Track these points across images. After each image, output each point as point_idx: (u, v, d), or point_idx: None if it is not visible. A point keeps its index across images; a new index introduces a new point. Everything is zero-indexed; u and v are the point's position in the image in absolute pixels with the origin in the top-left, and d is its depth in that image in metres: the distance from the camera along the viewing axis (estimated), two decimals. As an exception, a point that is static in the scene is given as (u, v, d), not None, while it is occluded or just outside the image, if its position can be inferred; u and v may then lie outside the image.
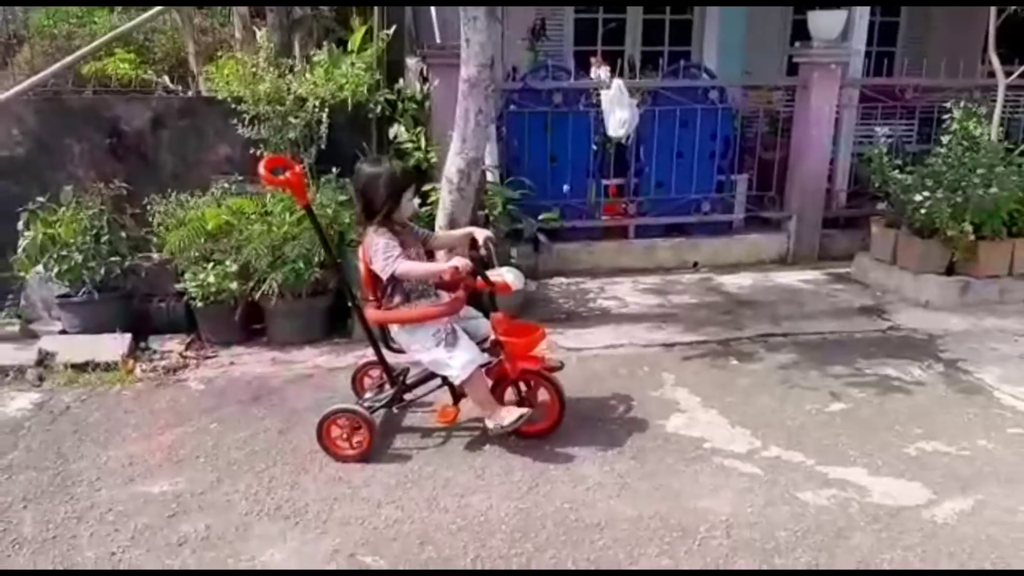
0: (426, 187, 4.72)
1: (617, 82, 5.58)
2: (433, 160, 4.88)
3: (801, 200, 6.17)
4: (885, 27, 8.27)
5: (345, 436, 3.13)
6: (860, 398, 3.75)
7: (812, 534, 2.69)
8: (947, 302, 5.10)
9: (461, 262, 2.98)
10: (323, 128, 4.66)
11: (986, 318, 4.89)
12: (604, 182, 6.06)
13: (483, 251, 3.16)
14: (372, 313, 3.17)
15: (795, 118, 6.15)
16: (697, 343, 4.50)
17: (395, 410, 3.41)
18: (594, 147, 5.92)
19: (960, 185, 5.03)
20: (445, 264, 3.06)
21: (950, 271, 5.22)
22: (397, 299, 3.11)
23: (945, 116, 5.63)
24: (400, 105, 5.04)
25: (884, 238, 5.56)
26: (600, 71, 5.87)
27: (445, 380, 3.21)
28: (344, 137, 5.00)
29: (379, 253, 2.98)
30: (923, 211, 5.07)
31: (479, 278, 3.10)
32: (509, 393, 3.30)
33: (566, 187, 5.91)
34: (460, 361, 3.04)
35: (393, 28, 5.21)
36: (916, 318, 4.92)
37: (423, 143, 4.82)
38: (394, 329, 3.17)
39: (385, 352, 3.31)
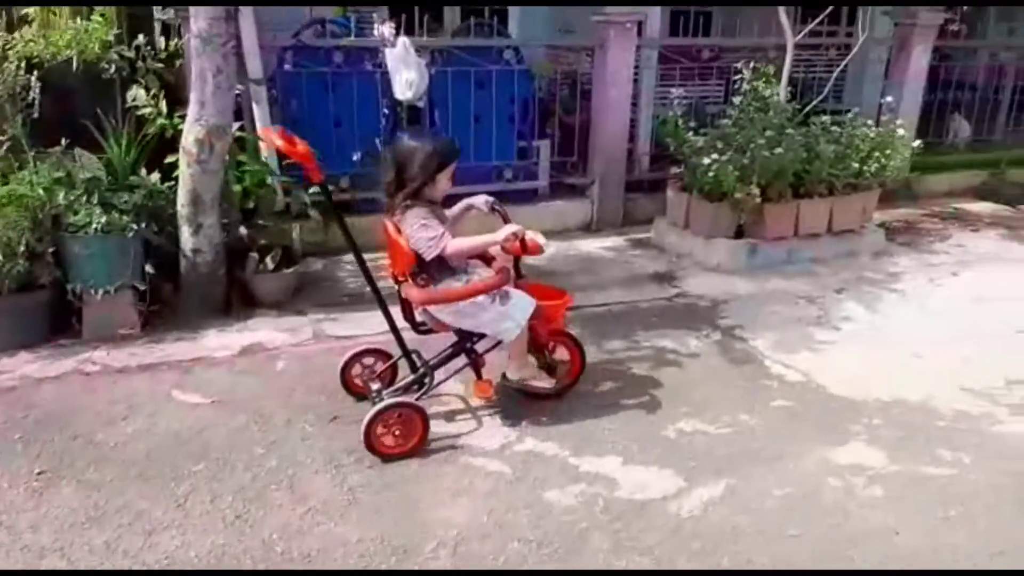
0: (169, 159, 4.13)
1: (402, 40, 5.13)
2: (180, 127, 4.28)
3: (603, 165, 6.00)
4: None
5: (396, 433, 2.86)
6: (629, 375, 3.58)
7: (550, 541, 2.46)
8: (736, 265, 5.08)
9: (518, 227, 2.83)
10: (32, 94, 3.94)
11: (772, 280, 4.90)
12: (398, 148, 5.63)
13: (497, 214, 3.07)
14: (419, 293, 2.91)
15: (594, 80, 5.94)
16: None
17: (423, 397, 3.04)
18: (385, 111, 5.48)
19: (748, 147, 4.99)
20: (500, 233, 2.83)
21: (739, 234, 5.21)
22: (444, 275, 2.90)
23: (736, 77, 5.58)
24: (142, 64, 4.37)
25: (678, 202, 5.48)
26: (383, 28, 5.39)
27: (468, 354, 3.05)
28: (78, 103, 4.31)
29: (420, 231, 2.79)
30: (711, 174, 4.99)
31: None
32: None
33: (356, 155, 5.44)
34: (521, 310, 2.93)
35: (137, -26, 4.52)
36: (705, 283, 4.86)
37: (164, 107, 4.20)
38: (439, 307, 2.93)
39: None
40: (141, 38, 4.39)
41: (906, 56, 6.59)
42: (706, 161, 5.01)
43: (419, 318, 3.10)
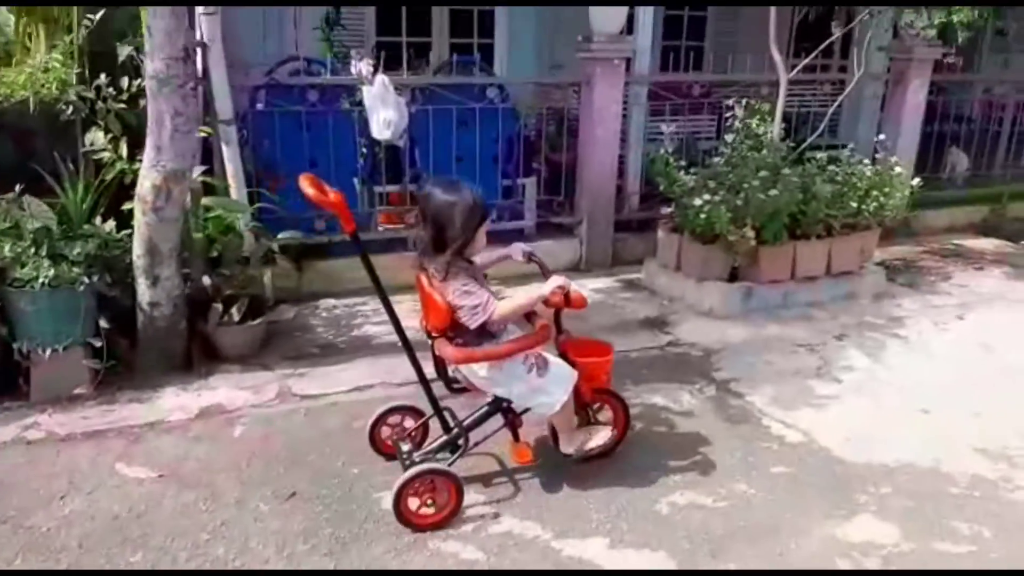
0: (126, 206, 3.89)
1: (381, 78, 4.94)
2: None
3: (591, 204, 5.79)
4: (694, 22, 8.15)
5: (428, 502, 2.67)
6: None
7: (524, 645, 2.17)
8: (730, 310, 4.84)
9: (564, 280, 2.66)
10: (-29, 138, 3.71)
11: (768, 326, 4.66)
12: (379, 189, 5.41)
13: (536, 264, 2.99)
14: (457, 352, 2.70)
15: (581, 117, 5.75)
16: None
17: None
18: (363, 150, 5.27)
19: (742, 187, 4.78)
20: (546, 287, 2.64)
21: (733, 277, 4.98)
22: (483, 334, 2.68)
23: (728, 114, 5.40)
24: (103, 105, 4.15)
25: (669, 243, 5.26)
26: (361, 65, 5.20)
27: (505, 414, 2.85)
28: (34, 146, 4.08)
29: (463, 299, 2.59)
30: (703, 215, 4.77)
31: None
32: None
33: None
34: (558, 384, 2.74)
35: (101, 12, 4.31)
36: (698, 330, 4.62)
37: (124, 151, 3.97)
38: (477, 367, 2.73)
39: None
40: (103, 77, 4.18)
41: (902, 91, 6.43)
42: (697, 202, 4.79)
43: (451, 374, 2.92)
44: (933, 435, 3.40)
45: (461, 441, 2.81)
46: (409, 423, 3.08)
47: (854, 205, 4.96)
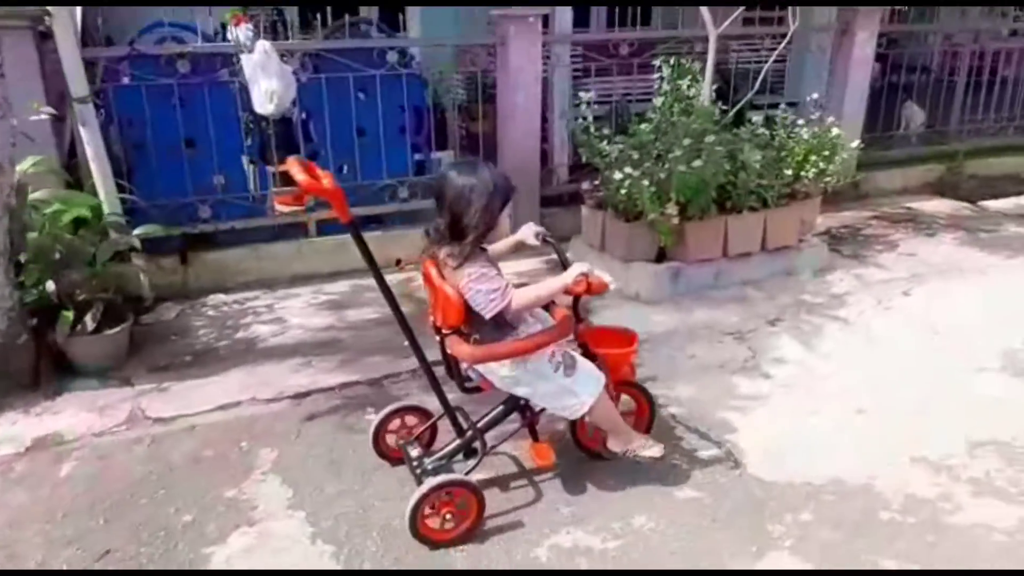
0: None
1: (261, 44, 4.37)
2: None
3: (514, 177, 5.25)
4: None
5: (447, 516, 2.44)
6: (503, 465, 2.88)
7: None
8: (658, 293, 4.41)
9: (586, 266, 2.43)
10: None
11: (696, 311, 4.23)
12: (271, 170, 4.87)
13: (551, 247, 2.74)
14: (476, 351, 2.43)
15: (498, 82, 5.22)
16: (344, 386, 3.49)
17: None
18: (249, 126, 4.72)
19: (667, 158, 4.30)
20: (568, 275, 2.42)
21: (661, 257, 4.53)
22: (493, 329, 2.43)
23: (655, 76, 4.90)
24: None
25: (593, 221, 4.80)
26: (239, 31, 4.61)
27: (523, 412, 2.65)
28: None
29: (477, 283, 2.33)
30: (624, 191, 4.30)
31: None
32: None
33: (218, 178, 4.67)
34: (587, 385, 2.52)
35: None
36: (621, 318, 4.15)
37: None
38: (497, 366, 2.47)
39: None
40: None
41: (849, 43, 5.96)
42: (618, 176, 4.32)
43: (465, 373, 2.64)
44: (867, 442, 3.00)
45: (476, 444, 2.59)
46: (414, 423, 2.85)
47: (788, 173, 4.51)
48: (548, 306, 2.61)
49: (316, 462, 2.92)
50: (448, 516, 2.43)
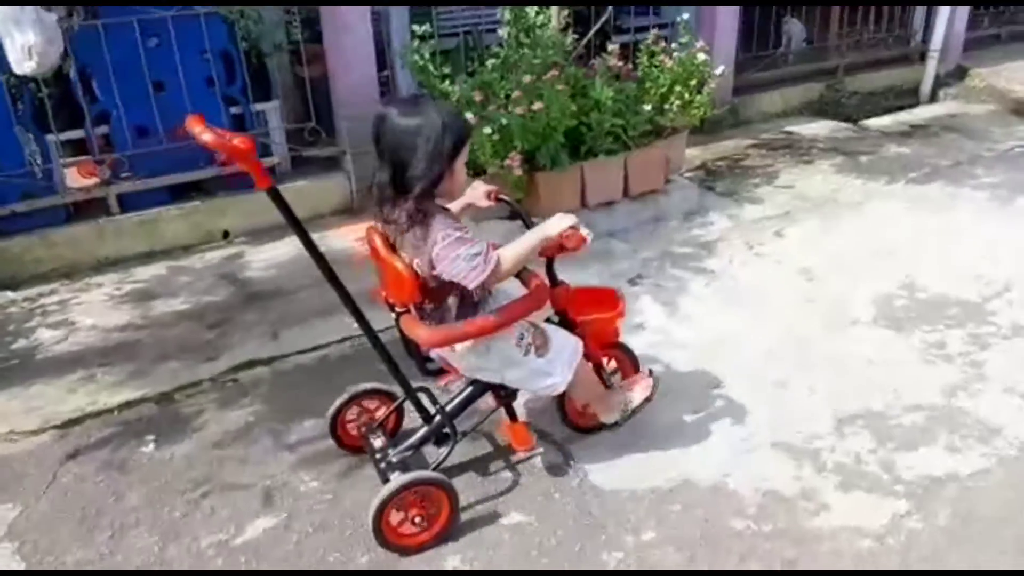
0: None
1: (10, -12, 3.56)
2: None
3: (352, 130, 4.63)
4: None
5: (411, 518, 2.14)
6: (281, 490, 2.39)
7: None
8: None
9: (572, 218, 2.07)
10: None
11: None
12: (51, 138, 4.08)
13: (507, 204, 2.41)
14: (433, 334, 2.11)
15: (322, 19, 4.52)
16: (125, 406, 2.90)
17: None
18: (13, 90, 3.92)
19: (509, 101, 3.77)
20: (551, 225, 2.06)
21: (515, 213, 4.01)
22: (456, 304, 2.11)
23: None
24: None
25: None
26: (-20, -28, 3.76)
27: (498, 392, 2.29)
28: None
29: (454, 247, 1.94)
30: (464, 141, 3.74)
31: None
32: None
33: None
34: (562, 360, 2.21)
35: None
36: (469, 289, 3.68)
37: None
38: (457, 349, 2.15)
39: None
40: None
41: (718, -45, 5.44)
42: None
43: (425, 354, 2.33)
44: (723, 428, 2.63)
45: (452, 435, 2.25)
46: (375, 407, 2.52)
47: (648, 108, 4.02)
48: (519, 273, 2.19)
49: (65, 520, 2.36)
50: (418, 519, 2.14)
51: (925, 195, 4.49)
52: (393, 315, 2.24)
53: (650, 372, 2.53)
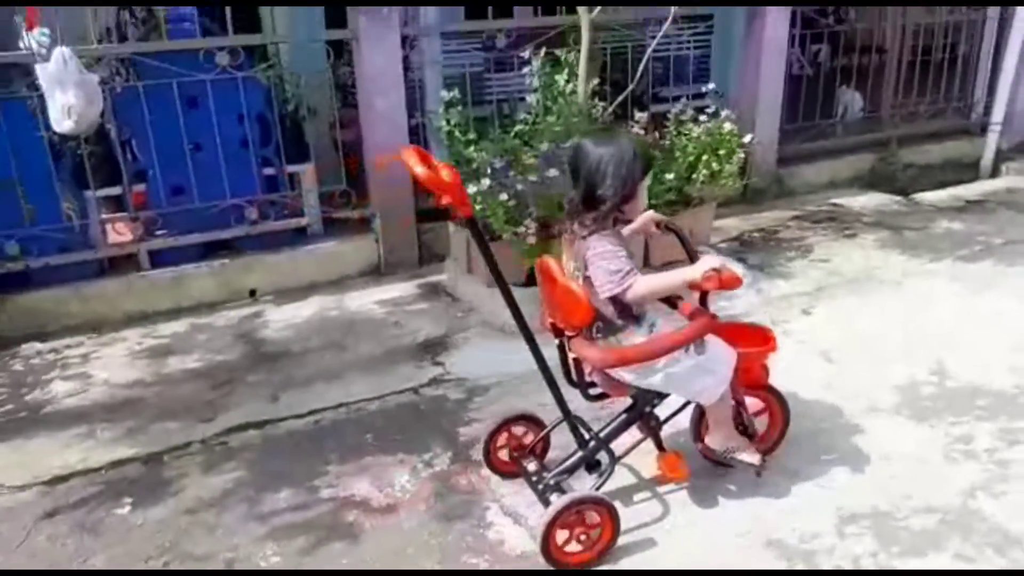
0: None
1: (59, 52, 3.78)
2: None
3: (383, 191, 4.70)
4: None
5: (581, 538, 2.26)
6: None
7: None
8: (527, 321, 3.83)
9: (719, 260, 2.21)
10: None
11: (567, 343, 3.65)
12: (90, 194, 4.25)
13: (675, 234, 2.52)
14: (603, 355, 2.27)
15: (357, 84, 4.64)
16: (114, 465, 2.90)
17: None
18: (55, 147, 4.11)
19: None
20: (697, 268, 2.19)
21: (533, 280, 3.95)
22: (624, 322, 2.29)
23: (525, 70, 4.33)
24: None
25: (459, 240, 4.24)
26: (31, 36, 3.99)
27: (647, 420, 2.46)
28: None
29: (602, 260, 2.19)
30: (478, 205, 3.74)
31: None
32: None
33: (27, 208, 4.07)
34: (721, 361, 2.33)
35: None
36: (479, 356, 3.64)
37: None
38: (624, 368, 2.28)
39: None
40: None
41: (760, 25, 5.40)
42: (472, 189, 3.75)
43: (588, 379, 2.45)
44: (720, 520, 2.44)
45: (600, 457, 2.41)
46: (526, 434, 2.65)
47: (670, 177, 3.94)
48: (674, 300, 2.43)
49: (28, 580, 2.35)
50: (583, 537, 2.25)
51: (972, 274, 4.23)
52: (557, 340, 2.38)
53: (762, 461, 2.51)
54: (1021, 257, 4.44)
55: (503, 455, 2.63)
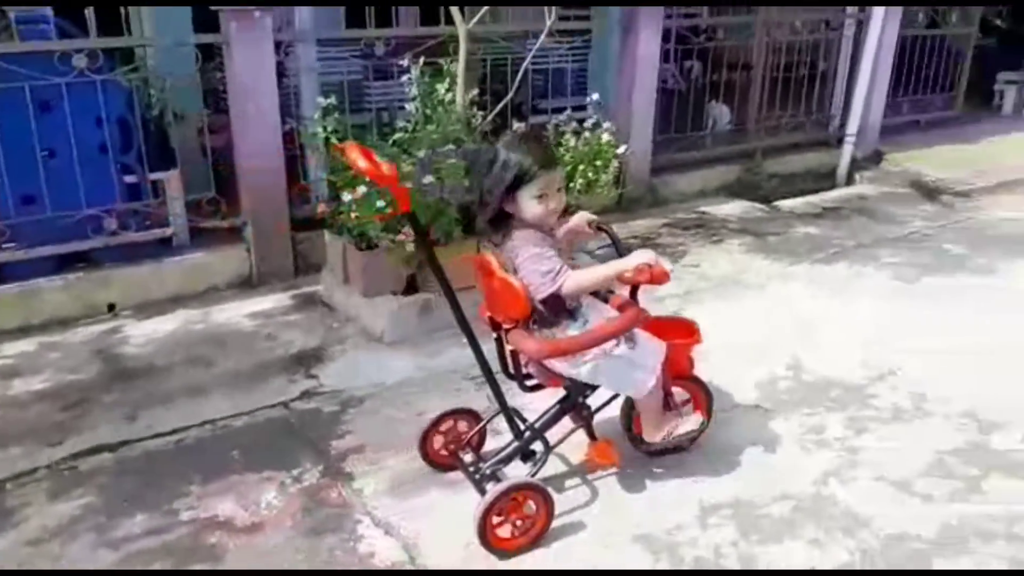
0: None
1: None
2: None
3: (255, 199, 4.55)
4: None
5: (517, 523, 2.32)
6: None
7: None
8: (404, 332, 3.81)
9: (650, 255, 2.25)
10: None
11: (446, 350, 3.66)
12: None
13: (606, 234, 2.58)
14: (539, 346, 2.32)
15: (228, 88, 4.48)
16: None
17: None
18: None
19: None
20: (629, 260, 2.26)
21: (412, 288, 3.93)
22: (559, 317, 2.34)
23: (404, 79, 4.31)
24: None
25: (335, 249, 4.15)
26: None
27: (580, 410, 2.55)
28: None
29: (531, 263, 2.24)
30: (354, 213, 3.68)
31: None
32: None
33: None
34: (650, 355, 2.41)
35: None
36: (354, 366, 3.56)
37: None
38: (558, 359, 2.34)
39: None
40: None
41: (634, 42, 5.59)
42: (347, 197, 3.69)
43: (525, 370, 2.53)
44: (591, 518, 2.48)
45: (535, 447, 2.51)
46: (462, 427, 2.72)
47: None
48: (606, 295, 2.51)
49: None
50: (518, 523, 2.32)
51: (827, 276, 4.51)
52: (495, 334, 2.45)
53: (703, 420, 2.70)
54: (872, 259, 4.76)
55: (440, 448, 2.69)
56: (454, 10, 4.18)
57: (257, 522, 2.48)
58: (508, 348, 2.45)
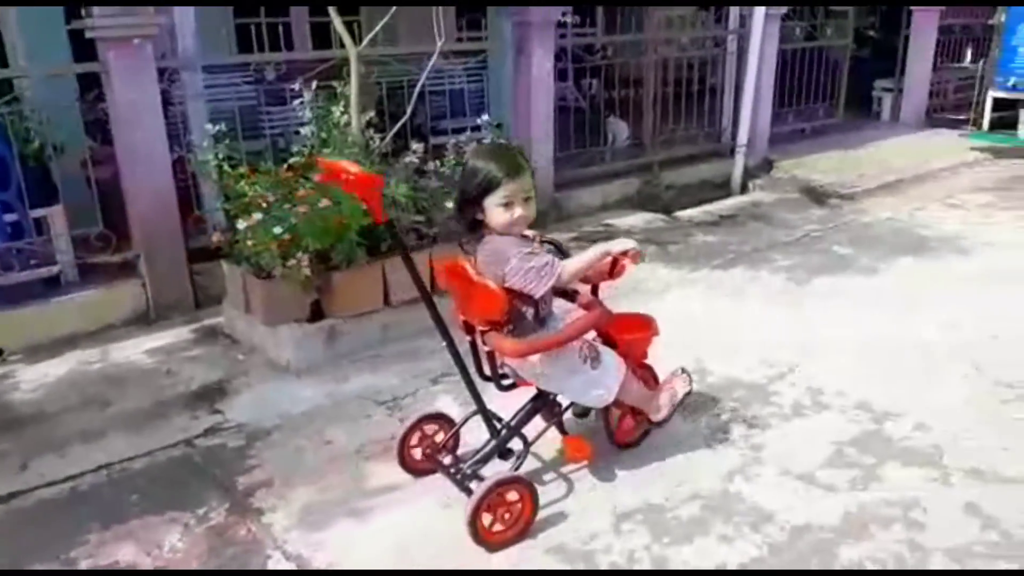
0: None
1: None
2: None
3: (148, 231, 4.38)
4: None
5: (505, 517, 2.40)
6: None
7: None
8: (311, 359, 3.73)
9: (632, 243, 2.40)
10: None
11: (353, 377, 3.61)
12: None
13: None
14: (515, 345, 2.43)
15: (111, 120, 4.30)
16: None
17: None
18: None
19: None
20: (615, 244, 2.39)
21: (318, 314, 3.86)
22: (530, 318, 2.45)
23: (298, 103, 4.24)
24: None
25: (232, 277, 4.03)
26: None
27: (552, 408, 2.66)
28: None
29: (523, 261, 2.30)
30: (250, 241, 3.59)
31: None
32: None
33: None
34: (610, 374, 2.56)
35: None
36: (260, 399, 3.45)
37: None
38: (535, 360, 2.45)
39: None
40: None
41: (527, 63, 5.67)
42: (241, 225, 3.60)
43: (501, 371, 2.61)
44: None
45: (513, 445, 2.59)
46: (436, 432, 2.78)
47: (450, 205, 4.00)
48: (572, 295, 2.64)
49: None
50: (506, 516, 2.39)
51: (725, 281, 4.67)
52: (469, 337, 2.53)
53: (683, 370, 2.92)
54: (766, 263, 4.96)
55: (416, 454, 2.74)
56: (343, 33, 4.15)
57: (160, 566, 2.36)
58: (485, 349, 2.53)
